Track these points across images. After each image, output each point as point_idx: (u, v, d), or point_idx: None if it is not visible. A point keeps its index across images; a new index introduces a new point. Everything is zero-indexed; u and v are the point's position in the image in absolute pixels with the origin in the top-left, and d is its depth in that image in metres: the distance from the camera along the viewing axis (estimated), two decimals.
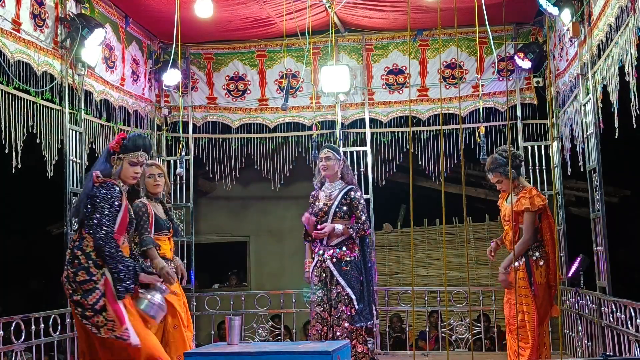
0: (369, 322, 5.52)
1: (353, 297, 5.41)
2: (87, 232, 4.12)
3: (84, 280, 4.04)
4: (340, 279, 5.44)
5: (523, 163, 5.74)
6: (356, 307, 5.39)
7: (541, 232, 5.41)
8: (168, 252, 5.48)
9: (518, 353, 5.12)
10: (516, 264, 5.36)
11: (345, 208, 5.61)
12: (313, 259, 5.79)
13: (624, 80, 4.73)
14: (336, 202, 5.60)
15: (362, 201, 5.68)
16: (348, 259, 5.48)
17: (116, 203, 4.18)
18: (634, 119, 4.39)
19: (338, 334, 5.37)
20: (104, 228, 4.08)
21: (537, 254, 5.34)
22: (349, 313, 5.39)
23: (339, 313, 5.40)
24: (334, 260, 5.51)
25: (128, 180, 4.37)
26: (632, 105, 4.49)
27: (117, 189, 4.22)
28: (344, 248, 5.53)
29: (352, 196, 5.64)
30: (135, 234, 5.40)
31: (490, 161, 5.55)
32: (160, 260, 5.28)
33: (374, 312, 5.83)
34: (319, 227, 5.59)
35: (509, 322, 5.43)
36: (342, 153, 5.93)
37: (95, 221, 4.09)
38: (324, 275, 5.58)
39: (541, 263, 5.32)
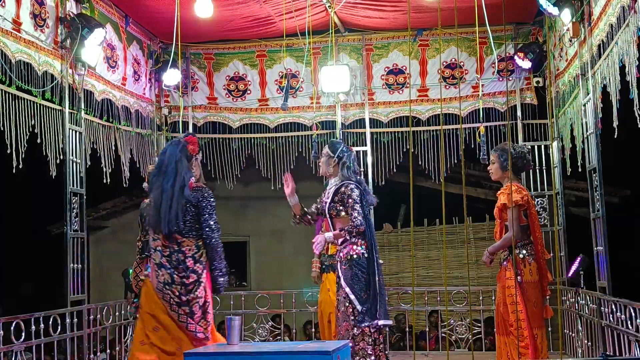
0: (375, 322, 5.15)
1: (352, 297, 5.26)
2: (188, 237, 4.39)
3: (193, 281, 4.35)
4: (341, 278, 5.34)
5: (524, 166, 5.70)
6: (357, 307, 5.16)
7: (530, 230, 5.39)
8: None
9: (519, 353, 5.10)
10: (504, 263, 5.35)
11: (339, 206, 5.31)
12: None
13: (624, 80, 4.73)
14: (329, 201, 5.43)
15: (353, 196, 5.24)
16: (349, 257, 5.32)
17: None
18: (637, 118, 4.38)
19: (341, 334, 5.29)
20: (217, 231, 4.45)
21: (523, 252, 5.31)
22: (348, 313, 5.27)
23: (340, 313, 5.32)
24: (339, 259, 5.39)
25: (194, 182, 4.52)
26: (635, 105, 4.48)
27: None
28: (347, 247, 5.35)
29: (342, 191, 5.28)
30: (142, 233, 5.42)
31: (501, 145, 5.55)
32: None
33: (381, 312, 5.25)
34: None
35: (511, 324, 5.35)
36: (341, 152, 5.40)
37: (211, 223, 4.41)
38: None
39: (530, 261, 5.30)
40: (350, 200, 5.27)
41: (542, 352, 5.30)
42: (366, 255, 5.26)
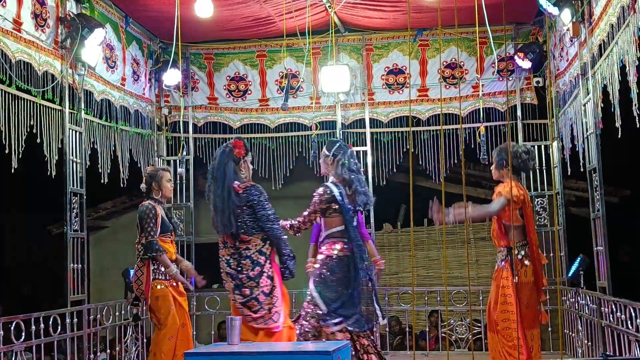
0: (336, 320, 5.02)
1: (314, 294, 5.11)
2: (253, 234, 4.73)
3: (258, 273, 4.70)
4: (311, 275, 5.32)
5: (520, 165, 5.70)
6: (321, 307, 5.05)
7: (526, 231, 5.38)
8: (172, 254, 5.56)
9: (518, 353, 5.09)
10: (502, 263, 5.34)
11: None
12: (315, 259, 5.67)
13: (625, 80, 4.74)
14: None
15: (315, 197, 5.20)
16: (324, 256, 5.25)
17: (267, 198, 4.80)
18: (636, 118, 4.39)
19: (304, 330, 5.16)
20: (277, 221, 4.79)
21: (522, 252, 5.31)
22: (308, 310, 5.17)
23: (307, 309, 5.20)
24: (320, 257, 5.34)
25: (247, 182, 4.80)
26: (634, 105, 4.49)
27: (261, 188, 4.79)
28: (326, 246, 5.29)
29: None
30: (141, 236, 5.41)
31: (503, 146, 5.55)
32: (173, 268, 5.42)
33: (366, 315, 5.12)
34: None
35: (497, 323, 5.33)
36: (336, 150, 5.34)
37: (267, 216, 4.73)
38: None
39: (526, 262, 5.30)
40: (312, 200, 5.23)
41: (537, 353, 5.31)
42: (342, 256, 5.17)
